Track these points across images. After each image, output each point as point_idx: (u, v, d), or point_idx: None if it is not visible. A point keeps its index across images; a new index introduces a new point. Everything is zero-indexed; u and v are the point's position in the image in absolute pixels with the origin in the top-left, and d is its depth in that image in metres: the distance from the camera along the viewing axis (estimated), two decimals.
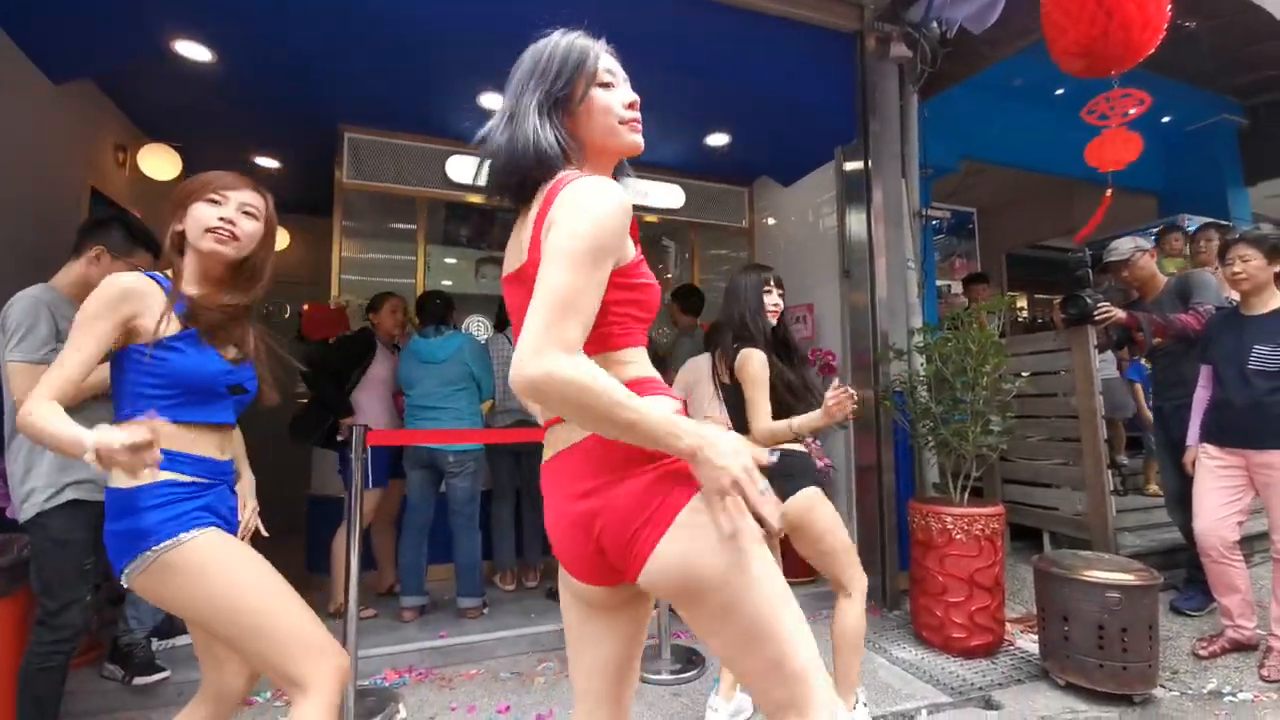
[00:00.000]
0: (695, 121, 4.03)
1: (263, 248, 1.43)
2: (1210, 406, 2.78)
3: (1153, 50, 2.75)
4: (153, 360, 1.27)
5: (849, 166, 3.82)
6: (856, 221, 3.75)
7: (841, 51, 3.74)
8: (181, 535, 1.24)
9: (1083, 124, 2.94)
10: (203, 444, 1.34)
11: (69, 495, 1.84)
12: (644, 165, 4.50)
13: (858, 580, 2.08)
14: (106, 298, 1.26)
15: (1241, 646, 2.69)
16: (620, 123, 1.08)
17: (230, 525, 1.37)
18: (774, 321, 2.15)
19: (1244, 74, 5.05)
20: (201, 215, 1.34)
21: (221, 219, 1.35)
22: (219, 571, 1.25)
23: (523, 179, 1.04)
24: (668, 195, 4.86)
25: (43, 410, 1.15)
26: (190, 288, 1.37)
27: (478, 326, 4.68)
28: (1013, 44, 3.67)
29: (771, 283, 2.15)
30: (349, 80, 3.51)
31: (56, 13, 2.65)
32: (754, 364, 2.01)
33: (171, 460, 1.27)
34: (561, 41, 1.08)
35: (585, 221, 0.91)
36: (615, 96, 1.09)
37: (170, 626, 2.70)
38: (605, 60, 1.10)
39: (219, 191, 1.36)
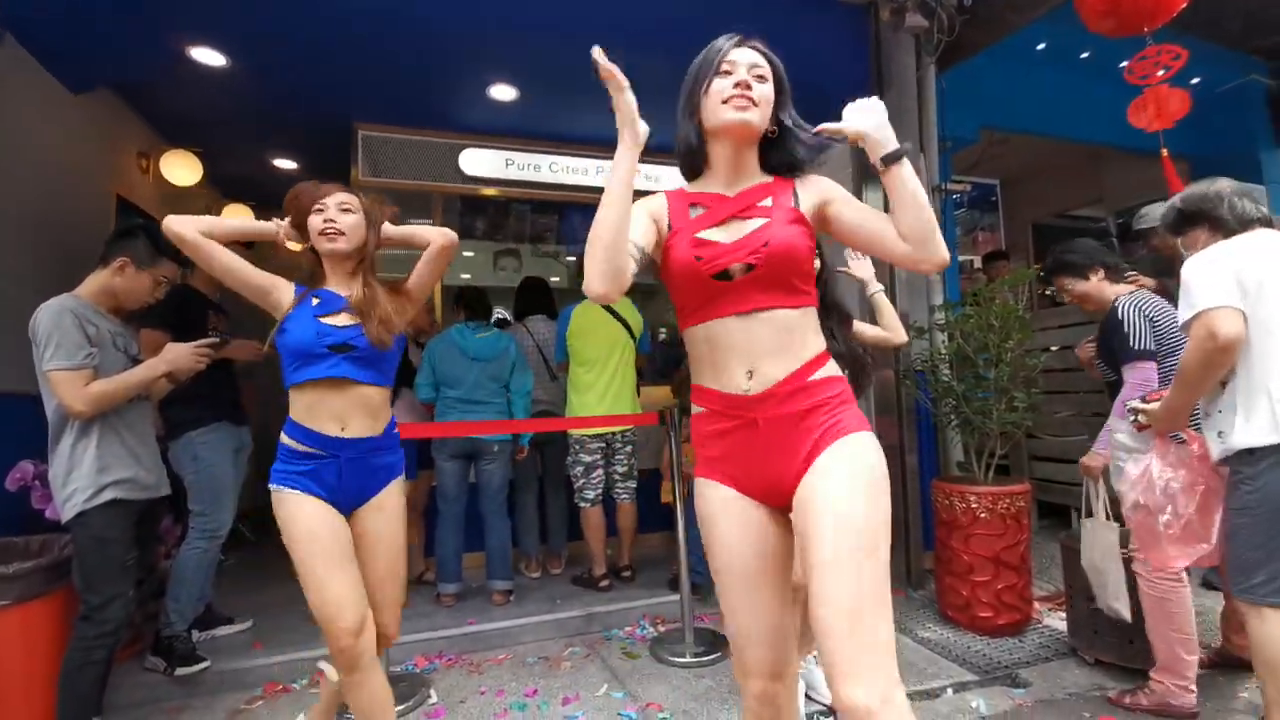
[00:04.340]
0: None
1: (369, 235, 1.72)
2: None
3: (1185, 4, 2.63)
4: (281, 339, 1.63)
5: None
6: (873, 199, 3.67)
7: (854, 24, 3.65)
8: (278, 487, 1.60)
9: (1109, 88, 2.84)
10: (318, 417, 1.61)
11: (109, 495, 1.90)
12: (654, 150, 4.45)
13: None
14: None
15: None
16: (722, 101, 1.12)
17: (333, 495, 1.61)
18: None
19: (1268, 35, 4.83)
20: (313, 224, 1.67)
21: (326, 220, 1.66)
22: (286, 527, 1.58)
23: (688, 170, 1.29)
24: (679, 180, 4.82)
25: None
26: (332, 282, 1.71)
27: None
28: (1036, 8, 3.53)
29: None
30: (360, 78, 3.53)
31: (70, 24, 2.70)
32: None
33: (292, 428, 1.62)
34: (708, 47, 1.18)
35: None
36: (728, 81, 1.12)
37: (210, 618, 2.80)
38: (733, 53, 1.15)
39: (320, 201, 1.67)
